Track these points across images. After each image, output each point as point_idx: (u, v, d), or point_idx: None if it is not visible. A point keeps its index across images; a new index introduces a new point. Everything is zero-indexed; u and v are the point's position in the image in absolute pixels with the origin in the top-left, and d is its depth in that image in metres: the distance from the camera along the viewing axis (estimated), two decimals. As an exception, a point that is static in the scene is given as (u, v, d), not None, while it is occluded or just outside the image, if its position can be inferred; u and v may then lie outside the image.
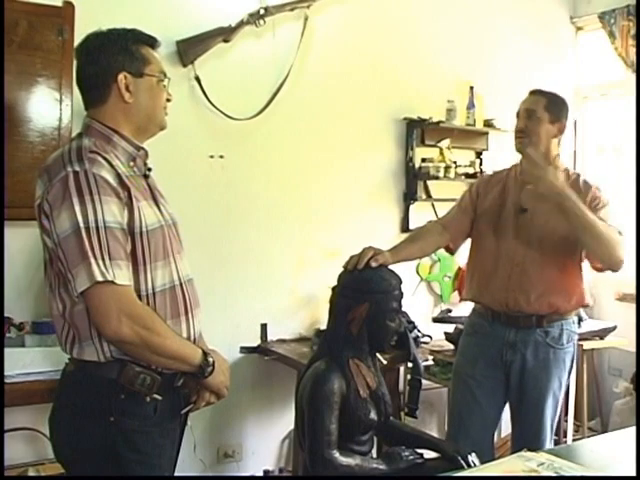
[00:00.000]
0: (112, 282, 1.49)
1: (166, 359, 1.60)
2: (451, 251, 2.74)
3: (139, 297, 1.57)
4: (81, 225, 1.48)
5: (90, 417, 1.58)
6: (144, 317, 1.54)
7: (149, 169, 1.72)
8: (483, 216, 2.59)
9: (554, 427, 2.56)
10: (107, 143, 1.62)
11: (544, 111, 2.49)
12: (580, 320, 2.96)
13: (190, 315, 1.68)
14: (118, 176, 1.56)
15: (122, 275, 1.51)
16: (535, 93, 2.57)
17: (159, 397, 1.61)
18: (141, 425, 1.60)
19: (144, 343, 1.54)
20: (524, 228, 2.49)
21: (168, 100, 1.72)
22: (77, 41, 2.64)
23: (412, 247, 2.56)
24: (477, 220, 2.61)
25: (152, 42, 1.71)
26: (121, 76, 1.62)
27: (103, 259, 1.48)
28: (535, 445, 2.12)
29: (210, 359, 1.65)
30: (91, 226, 1.48)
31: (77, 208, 1.48)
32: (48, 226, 1.53)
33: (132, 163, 1.65)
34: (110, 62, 1.62)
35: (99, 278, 1.47)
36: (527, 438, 2.42)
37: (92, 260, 1.47)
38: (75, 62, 1.69)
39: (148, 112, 1.68)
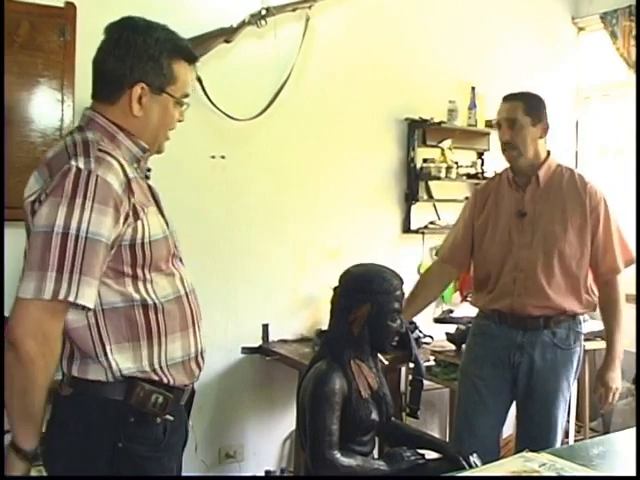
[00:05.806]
0: (64, 301, 1.32)
1: (17, 408, 1.37)
2: (465, 272, 2.77)
3: (146, 307, 1.44)
4: (56, 230, 1.32)
5: (95, 445, 1.41)
6: (52, 347, 1.35)
7: (149, 170, 1.60)
8: (482, 226, 2.59)
9: (563, 427, 2.56)
10: (111, 140, 1.47)
11: (524, 116, 2.45)
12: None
13: (197, 327, 1.56)
14: (126, 179, 1.42)
15: (88, 295, 1.35)
16: (509, 99, 2.52)
17: (171, 417, 1.48)
18: (150, 450, 1.45)
19: (30, 368, 1.33)
20: (525, 232, 2.48)
21: (179, 121, 1.57)
22: (79, 42, 2.70)
23: (419, 299, 2.66)
24: (476, 232, 2.60)
25: (190, 57, 1.56)
26: (138, 87, 1.47)
27: (71, 272, 1.32)
28: (544, 445, 2.11)
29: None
30: (71, 233, 1.32)
31: (62, 209, 1.33)
32: None
33: (135, 165, 1.51)
34: (134, 67, 1.47)
35: (46, 296, 1.31)
36: (535, 439, 2.40)
37: (50, 274, 1.31)
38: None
39: (152, 132, 1.53)
